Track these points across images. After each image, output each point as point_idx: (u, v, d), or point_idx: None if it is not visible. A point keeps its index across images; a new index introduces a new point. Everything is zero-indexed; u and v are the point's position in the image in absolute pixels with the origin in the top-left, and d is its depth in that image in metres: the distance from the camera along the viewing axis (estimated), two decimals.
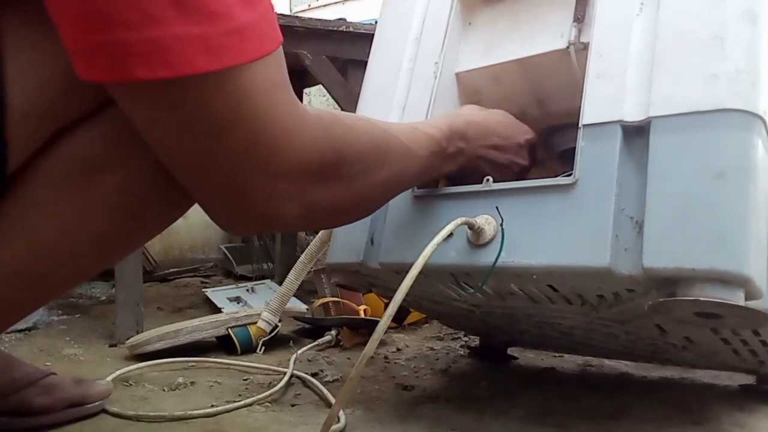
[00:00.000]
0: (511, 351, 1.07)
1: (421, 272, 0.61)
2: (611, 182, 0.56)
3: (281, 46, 0.43)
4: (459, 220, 0.62)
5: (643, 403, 0.81)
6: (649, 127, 0.56)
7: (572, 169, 0.60)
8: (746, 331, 0.64)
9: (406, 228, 0.70)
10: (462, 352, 1.12)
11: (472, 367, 1.03)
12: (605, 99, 0.60)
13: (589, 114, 0.60)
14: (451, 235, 0.63)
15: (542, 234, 0.59)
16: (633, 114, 0.57)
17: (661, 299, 0.52)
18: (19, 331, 1.21)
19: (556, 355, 1.09)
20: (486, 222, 0.63)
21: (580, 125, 0.61)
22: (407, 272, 0.57)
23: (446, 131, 0.64)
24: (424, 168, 0.62)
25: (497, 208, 0.63)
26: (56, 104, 0.44)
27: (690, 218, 0.52)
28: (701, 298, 0.50)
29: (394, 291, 0.56)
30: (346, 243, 0.76)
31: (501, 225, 0.62)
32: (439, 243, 0.60)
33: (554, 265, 0.58)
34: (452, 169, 0.67)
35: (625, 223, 0.55)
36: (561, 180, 0.60)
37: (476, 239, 0.63)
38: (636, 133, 0.58)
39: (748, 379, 0.86)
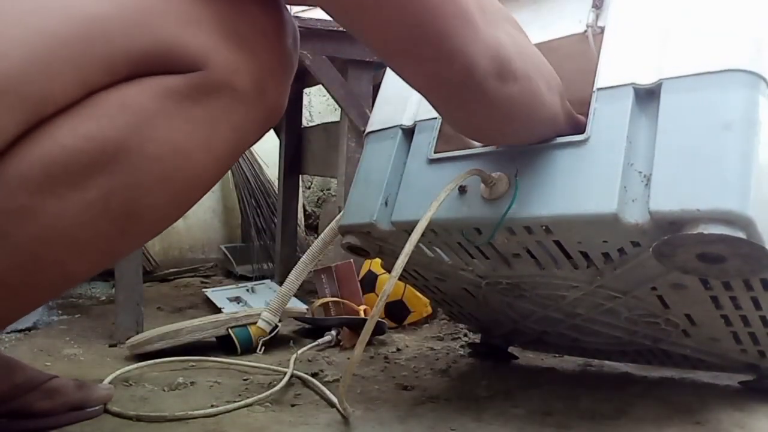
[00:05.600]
0: (511, 350, 1.07)
1: (432, 231, 0.67)
2: (622, 138, 0.60)
3: None
4: (473, 169, 0.65)
5: (643, 403, 0.81)
6: (660, 89, 0.60)
7: None
8: (746, 303, 0.66)
9: (421, 190, 0.73)
10: (462, 352, 1.12)
11: (472, 367, 1.03)
12: (619, 65, 0.65)
13: (603, 78, 0.65)
14: (464, 192, 0.68)
15: (553, 187, 0.63)
16: (645, 77, 0.62)
17: (666, 237, 0.55)
18: (19, 331, 1.21)
19: (556, 355, 1.09)
20: (499, 177, 0.66)
21: (594, 89, 0.64)
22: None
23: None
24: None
25: (514, 159, 0.66)
26: (34, 86, 0.39)
27: (696, 165, 0.55)
28: (705, 232, 0.52)
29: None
30: (360, 205, 0.79)
31: (515, 176, 0.65)
32: (453, 188, 0.63)
33: (563, 215, 0.61)
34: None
35: (634, 177, 0.59)
36: (574, 137, 0.63)
37: (488, 194, 0.66)
38: (647, 96, 0.62)
39: (749, 379, 0.86)
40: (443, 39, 0.48)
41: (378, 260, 1.30)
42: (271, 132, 1.98)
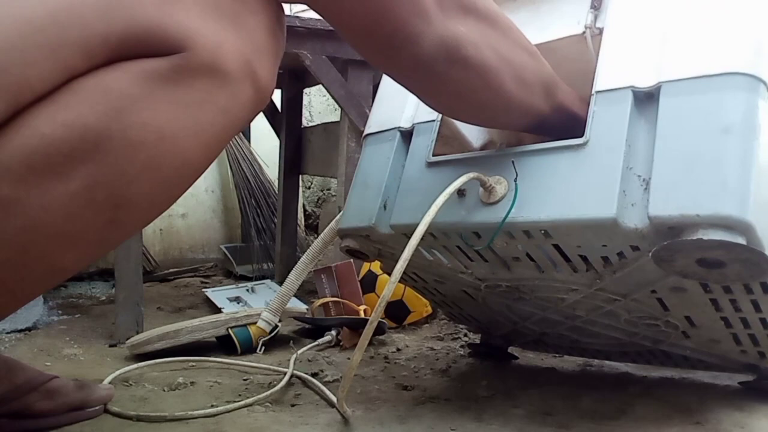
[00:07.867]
0: (511, 351, 1.07)
1: (431, 235, 0.67)
2: (621, 142, 0.60)
3: None
4: (471, 174, 0.65)
5: (643, 403, 0.81)
6: (658, 92, 0.60)
7: None
8: (746, 305, 0.66)
9: (419, 193, 0.73)
10: (462, 352, 1.12)
11: (472, 367, 1.03)
12: (618, 67, 0.64)
13: (602, 81, 0.65)
14: (463, 195, 0.68)
15: (552, 191, 0.62)
16: (644, 80, 0.61)
17: (665, 242, 0.54)
18: (19, 331, 1.21)
19: (556, 355, 1.09)
20: (497, 181, 0.66)
21: (593, 92, 0.64)
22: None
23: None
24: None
25: (513, 162, 0.66)
26: (10, 74, 0.39)
27: (695, 170, 0.55)
28: (704, 237, 0.52)
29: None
30: (358, 208, 0.79)
31: (515, 180, 0.65)
32: (451, 193, 0.64)
33: (562, 219, 0.61)
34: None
35: (633, 181, 0.58)
36: (572, 141, 0.63)
37: (487, 198, 0.66)
38: (646, 99, 0.61)
39: (748, 379, 0.86)
40: (397, 28, 0.53)
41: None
42: (271, 132, 1.98)
